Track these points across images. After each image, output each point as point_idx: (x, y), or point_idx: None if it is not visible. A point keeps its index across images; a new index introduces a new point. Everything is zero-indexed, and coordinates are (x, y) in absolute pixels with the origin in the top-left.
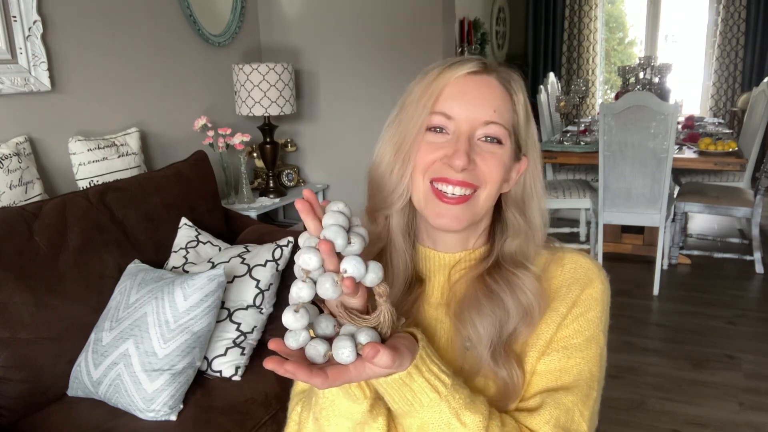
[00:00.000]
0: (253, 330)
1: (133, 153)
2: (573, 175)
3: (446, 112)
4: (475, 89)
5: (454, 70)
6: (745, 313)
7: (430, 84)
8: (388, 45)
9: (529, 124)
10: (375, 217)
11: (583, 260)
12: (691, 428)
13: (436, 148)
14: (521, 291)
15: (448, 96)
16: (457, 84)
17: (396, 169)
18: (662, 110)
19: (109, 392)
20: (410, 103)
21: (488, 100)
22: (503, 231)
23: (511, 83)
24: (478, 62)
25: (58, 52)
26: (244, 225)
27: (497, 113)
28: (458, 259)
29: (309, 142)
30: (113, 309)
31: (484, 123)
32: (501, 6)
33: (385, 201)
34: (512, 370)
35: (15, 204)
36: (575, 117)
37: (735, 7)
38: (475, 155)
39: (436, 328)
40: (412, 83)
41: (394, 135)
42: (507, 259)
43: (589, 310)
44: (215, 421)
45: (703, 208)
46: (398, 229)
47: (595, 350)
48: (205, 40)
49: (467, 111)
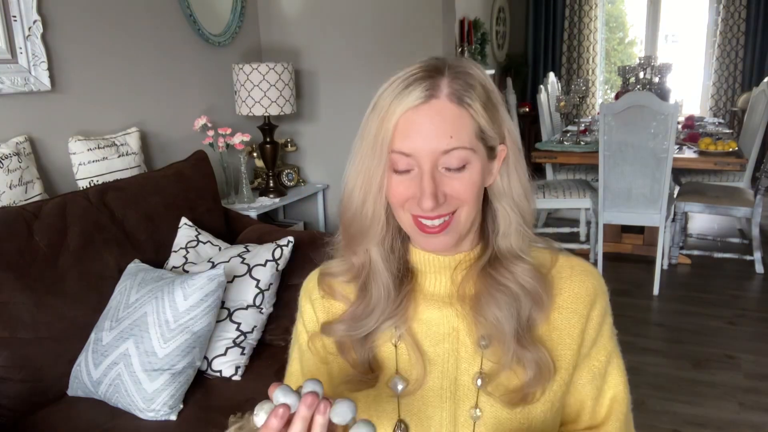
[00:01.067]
0: (253, 330)
1: (133, 153)
2: (573, 175)
3: (403, 150)
4: (426, 120)
5: (401, 102)
6: (745, 313)
7: (382, 120)
8: (388, 45)
9: (497, 117)
10: (354, 250)
11: (583, 264)
12: (691, 428)
13: (405, 188)
14: (523, 279)
15: (402, 133)
16: (407, 119)
17: (369, 213)
18: (662, 110)
19: (109, 392)
20: (367, 141)
21: (441, 129)
22: (494, 224)
23: (464, 97)
24: (422, 88)
25: (58, 52)
26: (244, 225)
27: (454, 138)
28: (459, 261)
29: (309, 142)
30: (113, 309)
31: (443, 152)
32: (501, 6)
33: (363, 240)
34: (541, 352)
35: (15, 204)
36: (575, 117)
37: (735, 7)
38: (444, 186)
39: (444, 327)
40: (367, 110)
41: (359, 174)
42: (503, 253)
43: (604, 323)
44: (215, 421)
45: (703, 208)
46: (379, 257)
47: (617, 362)
48: (205, 39)
49: (423, 144)
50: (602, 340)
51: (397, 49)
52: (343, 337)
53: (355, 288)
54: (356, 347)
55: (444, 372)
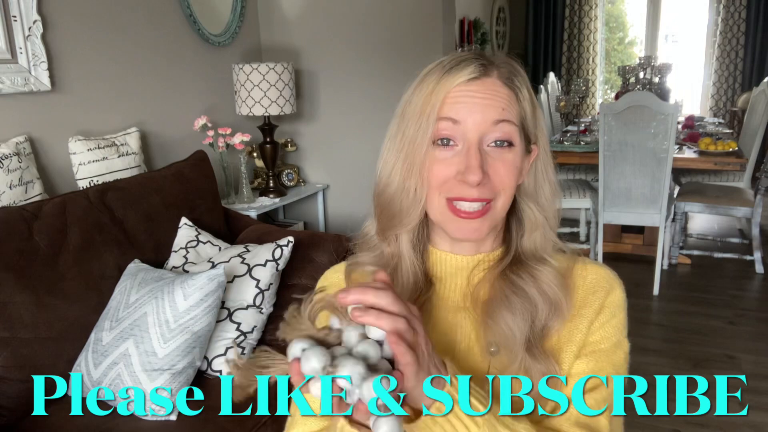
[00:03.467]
0: (253, 330)
1: (133, 153)
2: (573, 175)
3: (452, 116)
4: (480, 93)
5: (454, 77)
6: (745, 313)
7: (431, 93)
8: (388, 45)
9: (536, 115)
10: (387, 236)
11: (602, 270)
12: (691, 428)
13: (448, 165)
14: (546, 284)
15: (453, 101)
16: (459, 90)
17: (412, 190)
18: (662, 110)
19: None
20: (412, 115)
21: (494, 101)
22: (519, 225)
23: (514, 80)
24: (477, 65)
25: (58, 52)
26: (244, 225)
27: (506, 111)
28: (477, 262)
29: (309, 142)
30: (113, 309)
31: (494, 122)
32: (501, 6)
33: (401, 222)
34: (550, 365)
35: (15, 204)
36: (575, 117)
37: (735, 7)
38: (488, 167)
39: (456, 334)
40: (408, 91)
41: (401, 151)
42: (527, 255)
43: (614, 317)
44: (215, 421)
45: (703, 208)
46: (408, 244)
47: (620, 355)
48: (205, 39)
49: (474, 114)
50: (609, 329)
51: (398, 48)
52: None
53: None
54: None
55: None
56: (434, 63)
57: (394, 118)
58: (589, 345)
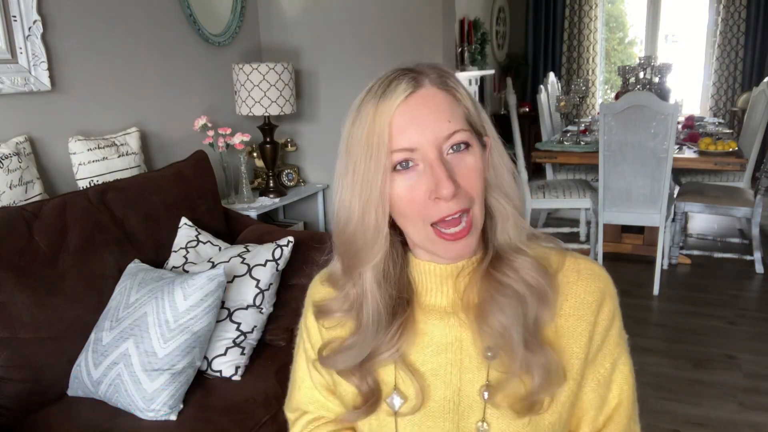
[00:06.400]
0: (253, 330)
1: (133, 153)
2: (573, 175)
3: (406, 146)
4: (421, 109)
5: (390, 100)
6: (745, 313)
7: (372, 123)
8: (388, 45)
9: (477, 108)
10: (351, 276)
11: (595, 267)
12: (691, 428)
13: (415, 187)
14: (527, 274)
15: (399, 129)
16: (401, 113)
17: (372, 224)
18: (662, 110)
19: (109, 392)
20: (359, 149)
21: (438, 114)
22: (491, 221)
23: (447, 82)
24: (407, 79)
25: (58, 52)
26: (244, 225)
27: (452, 122)
28: (461, 268)
29: (309, 142)
30: (113, 309)
31: (446, 138)
32: (501, 6)
33: (366, 257)
34: (549, 356)
35: (15, 204)
36: (575, 117)
37: (735, 7)
38: (455, 176)
39: (444, 338)
40: (346, 127)
41: (355, 188)
42: (504, 248)
43: (612, 328)
44: (215, 421)
45: (703, 208)
46: (373, 281)
47: (623, 368)
48: (205, 39)
49: (426, 133)
50: (608, 346)
51: (397, 48)
52: (340, 368)
53: (353, 319)
54: (355, 372)
55: (447, 382)
56: (363, 92)
57: (339, 157)
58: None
